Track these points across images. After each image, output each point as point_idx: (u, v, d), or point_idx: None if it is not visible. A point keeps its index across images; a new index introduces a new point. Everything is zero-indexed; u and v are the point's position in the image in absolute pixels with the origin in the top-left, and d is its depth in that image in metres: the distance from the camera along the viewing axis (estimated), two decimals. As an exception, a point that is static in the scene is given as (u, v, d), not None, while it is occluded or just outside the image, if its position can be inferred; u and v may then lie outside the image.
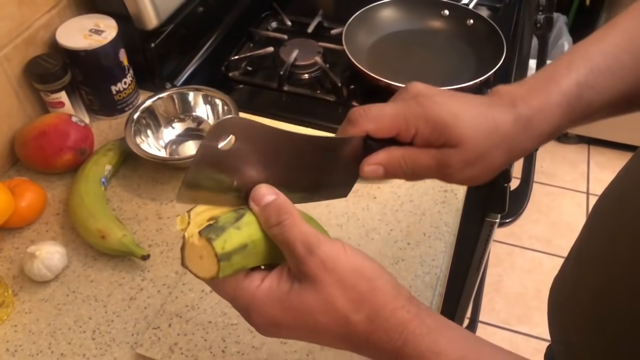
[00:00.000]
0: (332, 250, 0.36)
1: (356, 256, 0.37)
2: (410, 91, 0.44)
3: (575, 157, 2.12)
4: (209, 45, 0.96)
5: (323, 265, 0.36)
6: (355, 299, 0.36)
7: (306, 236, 0.37)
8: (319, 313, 0.36)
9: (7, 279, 0.65)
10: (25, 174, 0.76)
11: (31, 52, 0.76)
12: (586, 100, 0.44)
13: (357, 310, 0.36)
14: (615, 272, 0.46)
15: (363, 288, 0.36)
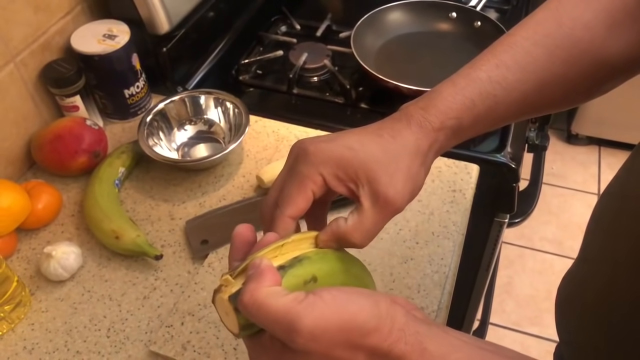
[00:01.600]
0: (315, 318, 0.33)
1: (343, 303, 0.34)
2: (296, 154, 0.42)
3: (585, 158, 2.11)
4: (220, 49, 0.97)
5: (311, 338, 0.33)
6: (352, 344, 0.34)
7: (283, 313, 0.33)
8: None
9: (24, 279, 0.67)
10: (41, 176, 0.78)
11: (47, 57, 0.78)
12: (490, 96, 0.43)
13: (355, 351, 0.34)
14: (618, 271, 0.46)
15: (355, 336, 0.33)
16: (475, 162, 0.78)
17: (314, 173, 0.40)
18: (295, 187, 0.41)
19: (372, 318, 0.33)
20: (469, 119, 0.43)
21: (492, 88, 0.43)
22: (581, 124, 2.06)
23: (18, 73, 0.75)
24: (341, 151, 0.40)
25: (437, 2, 1.02)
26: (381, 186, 0.40)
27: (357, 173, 0.40)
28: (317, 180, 0.40)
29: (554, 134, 2.16)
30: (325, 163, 0.40)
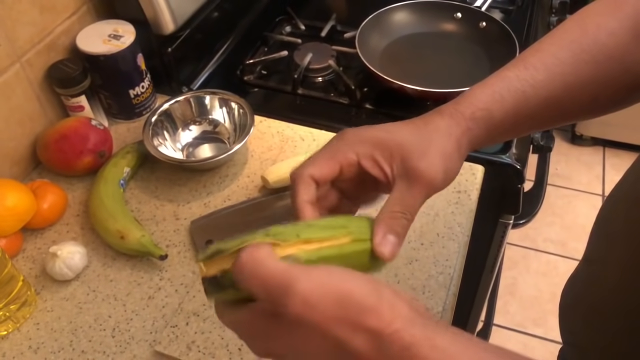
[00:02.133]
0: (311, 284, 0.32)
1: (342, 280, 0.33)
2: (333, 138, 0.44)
3: (590, 159, 2.10)
4: (225, 50, 0.97)
5: (304, 304, 0.32)
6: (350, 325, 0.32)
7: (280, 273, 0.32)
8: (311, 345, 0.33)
9: (29, 278, 0.67)
10: (46, 176, 0.78)
11: (52, 57, 0.78)
12: (519, 92, 0.44)
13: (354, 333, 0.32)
14: (624, 275, 0.46)
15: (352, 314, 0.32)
16: (480, 163, 0.78)
17: (348, 150, 0.42)
18: (326, 155, 0.42)
19: (370, 296, 0.32)
20: (499, 113, 0.44)
21: (521, 85, 0.44)
22: (586, 124, 2.05)
23: (24, 73, 0.75)
24: (377, 134, 0.42)
25: (442, 3, 1.02)
26: (413, 161, 0.41)
27: (391, 153, 0.41)
28: (350, 157, 0.42)
29: (558, 135, 2.16)
30: (362, 143, 0.42)
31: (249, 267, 0.33)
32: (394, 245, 0.40)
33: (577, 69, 0.45)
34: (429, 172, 0.41)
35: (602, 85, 0.45)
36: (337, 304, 0.32)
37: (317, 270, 0.32)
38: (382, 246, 0.39)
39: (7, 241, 0.67)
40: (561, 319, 0.63)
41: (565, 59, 0.45)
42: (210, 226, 0.71)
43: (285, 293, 0.32)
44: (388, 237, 0.39)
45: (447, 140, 0.43)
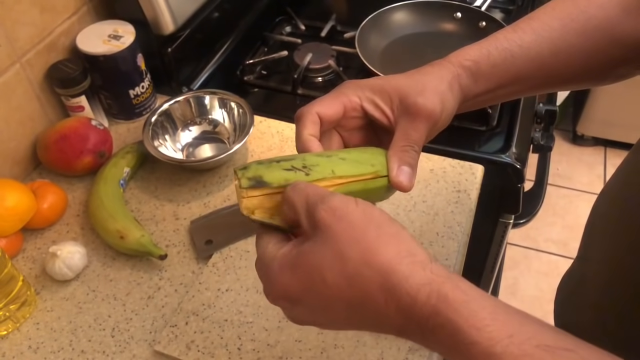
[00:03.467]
0: (343, 199, 0.35)
1: (367, 205, 0.35)
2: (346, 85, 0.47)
3: (591, 159, 2.10)
4: (225, 50, 0.97)
5: (332, 213, 0.33)
6: (366, 249, 0.32)
7: (319, 191, 0.36)
8: (327, 268, 0.32)
9: (29, 278, 0.67)
10: (47, 176, 0.78)
11: (52, 58, 0.78)
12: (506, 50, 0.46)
13: (368, 263, 0.32)
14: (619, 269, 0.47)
15: (372, 236, 0.33)
16: (480, 162, 0.78)
17: (351, 94, 0.45)
18: (331, 96, 0.45)
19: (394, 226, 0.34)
20: (486, 66, 0.46)
21: (509, 44, 0.46)
22: (587, 124, 2.05)
23: (24, 73, 0.75)
24: (375, 81, 0.46)
25: (442, 3, 1.02)
26: (411, 98, 0.43)
27: (390, 97, 0.44)
28: (353, 100, 0.45)
29: (559, 135, 2.15)
30: (363, 88, 0.45)
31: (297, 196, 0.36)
32: (410, 175, 0.42)
33: (565, 36, 0.46)
34: (427, 106, 0.43)
35: (591, 54, 0.47)
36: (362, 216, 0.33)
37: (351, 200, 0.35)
38: (399, 177, 0.42)
39: (7, 241, 0.67)
40: (556, 315, 0.64)
41: (554, 26, 0.46)
42: (209, 226, 0.71)
43: (319, 201, 0.34)
44: (403, 168, 0.42)
45: (439, 81, 0.45)
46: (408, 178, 0.42)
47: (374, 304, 0.32)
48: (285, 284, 0.34)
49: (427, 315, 0.30)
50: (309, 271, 0.33)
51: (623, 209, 0.48)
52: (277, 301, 0.36)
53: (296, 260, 0.34)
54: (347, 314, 0.33)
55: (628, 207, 0.46)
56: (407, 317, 0.31)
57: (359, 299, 0.32)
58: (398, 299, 0.31)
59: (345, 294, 0.32)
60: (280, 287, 0.35)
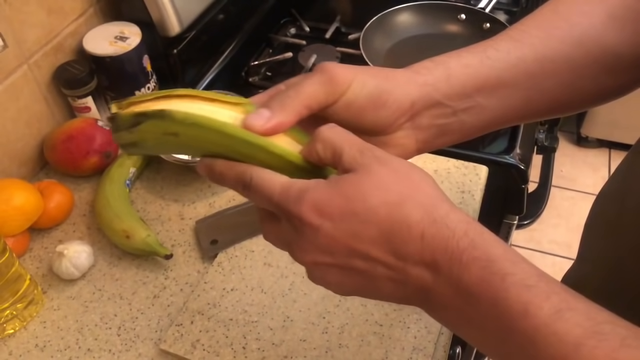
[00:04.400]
0: (385, 153, 0.34)
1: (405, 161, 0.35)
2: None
3: (596, 160, 2.10)
4: (230, 51, 0.98)
5: (376, 158, 0.33)
6: (409, 186, 0.33)
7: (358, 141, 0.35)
8: (369, 194, 0.32)
9: (36, 277, 0.68)
10: (53, 176, 0.79)
11: (59, 59, 0.79)
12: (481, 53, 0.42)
13: (411, 196, 0.32)
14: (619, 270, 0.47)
15: (416, 177, 0.33)
16: (484, 163, 0.78)
17: None
18: None
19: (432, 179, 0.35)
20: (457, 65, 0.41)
21: (483, 48, 0.42)
22: (591, 126, 2.05)
23: (32, 74, 0.76)
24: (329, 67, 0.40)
25: (445, 4, 1.03)
26: None
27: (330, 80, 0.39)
28: None
29: (563, 137, 2.15)
30: None
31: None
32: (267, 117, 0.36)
33: (548, 42, 0.42)
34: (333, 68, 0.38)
35: (580, 63, 0.42)
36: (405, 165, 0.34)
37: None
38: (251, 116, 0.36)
39: (15, 240, 0.67)
40: None
41: (534, 33, 0.43)
42: (215, 226, 0.72)
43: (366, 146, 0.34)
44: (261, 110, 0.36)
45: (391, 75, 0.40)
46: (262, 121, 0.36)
47: (410, 235, 0.31)
48: (321, 199, 0.33)
49: (462, 249, 0.31)
50: (351, 194, 0.32)
51: (620, 210, 0.48)
52: (306, 213, 0.33)
53: (337, 184, 0.33)
54: (375, 242, 0.32)
55: (625, 208, 0.46)
56: (440, 252, 0.31)
57: (396, 226, 0.32)
58: (436, 232, 0.31)
59: (382, 219, 0.32)
60: (314, 199, 0.33)
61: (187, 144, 0.37)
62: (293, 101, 0.37)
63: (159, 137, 0.37)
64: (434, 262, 0.31)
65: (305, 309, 0.63)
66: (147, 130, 0.37)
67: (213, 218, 0.72)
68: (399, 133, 0.42)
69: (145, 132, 0.37)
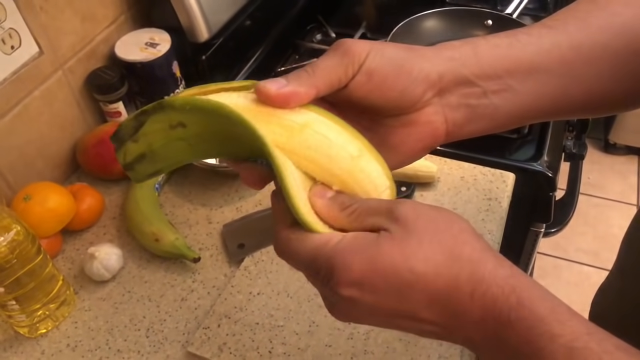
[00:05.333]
0: (414, 202, 0.33)
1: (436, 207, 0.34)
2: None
3: (624, 168, 2.06)
4: (257, 57, 0.99)
5: (413, 210, 0.32)
6: (454, 242, 0.31)
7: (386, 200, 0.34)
8: (414, 257, 0.31)
9: (68, 278, 0.69)
10: (85, 179, 0.81)
11: (92, 65, 0.81)
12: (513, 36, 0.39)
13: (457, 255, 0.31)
14: None
15: (456, 230, 0.32)
16: (511, 170, 0.77)
17: None
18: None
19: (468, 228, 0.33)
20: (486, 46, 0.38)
21: (513, 33, 0.39)
22: (619, 133, 2.01)
23: (65, 80, 0.78)
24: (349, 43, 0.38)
25: (472, 10, 1.02)
26: None
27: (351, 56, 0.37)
28: None
29: (591, 143, 2.11)
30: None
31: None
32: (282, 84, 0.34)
33: (585, 31, 0.39)
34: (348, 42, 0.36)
35: (621, 54, 0.39)
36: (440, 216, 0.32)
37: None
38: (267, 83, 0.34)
39: (48, 242, 0.69)
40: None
41: (570, 22, 0.40)
42: (241, 230, 0.72)
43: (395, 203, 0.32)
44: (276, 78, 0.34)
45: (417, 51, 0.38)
46: (277, 86, 0.33)
47: (459, 295, 0.30)
48: (363, 270, 0.31)
49: (509, 307, 0.30)
50: (395, 260, 0.31)
51: None
52: (346, 288, 0.32)
53: (377, 248, 0.31)
54: (422, 304, 0.31)
55: None
56: (489, 310, 0.30)
57: (445, 290, 0.31)
58: (485, 289, 0.30)
59: (430, 282, 0.31)
60: (357, 272, 0.31)
61: (196, 139, 0.35)
62: (310, 75, 0.35)
63: (166, 136, 0.35)
64: (482, 320, 0.30)
65: (331, 314, 0.63)
66: (152, 130, 0.35)
67: (240, 222, 0.73)
68: (428, 109, 0.38)
69: (150, 134, 0.35)
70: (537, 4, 1.13)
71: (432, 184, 0.76)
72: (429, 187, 0.76)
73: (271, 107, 0.34)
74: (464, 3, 1.14)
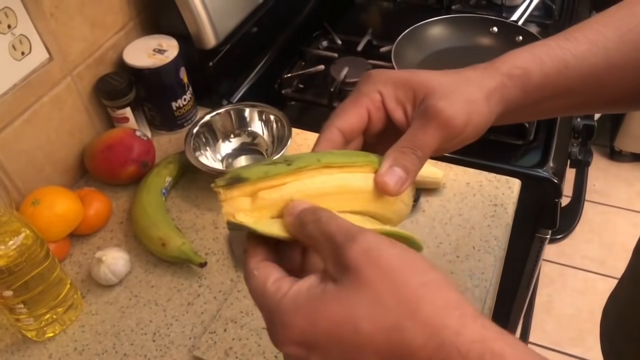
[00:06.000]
0: (377, 238, 0.30)
1: (404, 247, 0.30)
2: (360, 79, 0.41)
3: (630, 175, 2.05)
4: (263, 64, 0.99)
5: (366, 254, 0.29)
6: (409, 299, 0.28)
7: (346, 226, 0.31)
8: (361, 318, 0.28)
9: (76, 282, 0.70)
10: (92, 184, 0.81)
11: (101, 71, 0.82)
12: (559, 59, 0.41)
13: (412, 315, 0.27)
14: None
15: (415, 283, 0.28)
16: (517, 176, 0.78)
17: (372, 90, 0.39)
18: (351, 102, 0.40)
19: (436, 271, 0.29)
20: (538, 75, 0.40)
21: (562, 53, 0.41)
22: (625, 140, 2.01)
23: (74, 86, 0.78)
24: (402, 73, 0.40)
25: (478, 17, 1.03)
26: (434, 98, 0.38)
27: (415, 93, 0.39)
28: (375, 98, 0.39)
29: (596, 150, 2.11)
30: (386, 82, 0.40)
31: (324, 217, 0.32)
32: (399, 178, 0.36)
33: (622, 47, 0.41)
34: (447, 112, 0.37)
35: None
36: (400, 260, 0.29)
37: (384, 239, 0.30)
38: (386, 176, 0.36)
39: (56, 246, 0.70)
40: (604, 339, 0.61)
41: (610, 36, 0.41)
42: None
43: (350, 238, 0.29)
44: (394, 169, 0.36)
45: (477, 88, 0.39)
46: (395, 180, 0.36)
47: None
48: (304, 330, 0.29)
49: None
50: (338, 319, 0.28)
51: None
52: (289, 347, 0.29)
53: (320, 304, 0.29)
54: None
55: None
56: None
57: (397, 356, 0.27)
58: (444, 356, 0.27)
59: (382, 348, 0.27)
60: (297, 332, 0.29)
61: None
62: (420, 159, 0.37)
63: None
64: None
65: (337, 319, 0.63)
66: None
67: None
68: None
69: None
70: (543, 11, 1.13)
71: (438, 190, 0.76)
72: (435, 193, 0.76)
73: None
74: (469, 10, 1.15)
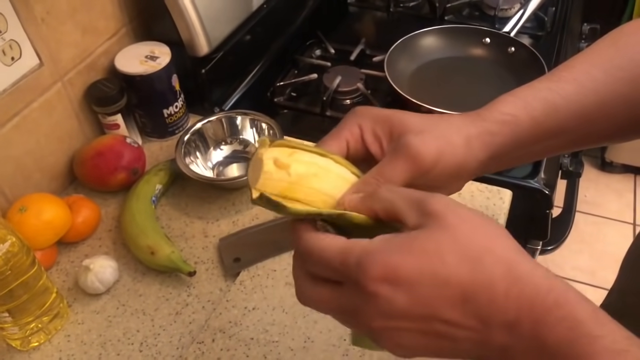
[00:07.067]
0: (450, 198, 0.33)
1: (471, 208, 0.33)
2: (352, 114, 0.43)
3: (620, 186, 2.06)
4: (256, 72, 0.99)
5: (446, 205, 0.32)
6: (487, 239, 0.31)
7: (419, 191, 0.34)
8: (447, 251, 0.30)
9: (62, 291, 0.69)
10: (82, 191, 0.80)
11: (92, 77, 0.81)
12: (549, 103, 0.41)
13: (493, 251, 0.30)
14: None
15: (491, 228, 0.32)
16: (508, 187, 0.78)
17: (353, 124, 0.41)
18: (334, 133, 0.41)
19: None
20: (527, 120, 0.41)
21: (551, 95, 0.42)
22: (616, 151, 2.02)
23: (65, 92, 0.78)
24: (385, 111, 0.41)
25: (470, 28, 1.03)
26: (407, 136, 0.38)
27: (392, 129, 0.40)
28: (354, 130, 0.40)
29: (587, 161, 2.12)
30: (367, 117, 0.41)
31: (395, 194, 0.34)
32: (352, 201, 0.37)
33: (612, 86, 0.42)
34: (416, 146, 0.37)
35: (637, 104, 0.42)
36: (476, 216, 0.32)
37: None
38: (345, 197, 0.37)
39: (43, 254, 0.69)
40: None
41: (598, 76, 0.42)
42: (238, 244, 0.72)
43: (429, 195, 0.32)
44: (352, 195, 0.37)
45: (454, 131, 0.40)
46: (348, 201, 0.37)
47: (493, 292, 0.30)
48: (393, 264, 0.30)
49: (548, 307, 0.29)
50: (429, 251, 0.30)
51: None
52: (375, 284, 0.31)
53: (413, 241, 0.31)
54: (457, 305, 0.30)
55: None
56: (524, 310, 0.29)
57: (479, 285, 0.30)
58: (521, 289, 0.29)
59: (465, 278, 0.30)
60: (386, 268, 0.30)
61: None
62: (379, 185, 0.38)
63: None
64: (518, 322, 0.29)
65: (326, 330, 0.63)
66: None
67: (236, 236, 0.73)
68: None
69: None
70: (535, 23, 1.14)
71: (429, 200, 0.76)
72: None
73: None
74: (462, 21, 1.15)
